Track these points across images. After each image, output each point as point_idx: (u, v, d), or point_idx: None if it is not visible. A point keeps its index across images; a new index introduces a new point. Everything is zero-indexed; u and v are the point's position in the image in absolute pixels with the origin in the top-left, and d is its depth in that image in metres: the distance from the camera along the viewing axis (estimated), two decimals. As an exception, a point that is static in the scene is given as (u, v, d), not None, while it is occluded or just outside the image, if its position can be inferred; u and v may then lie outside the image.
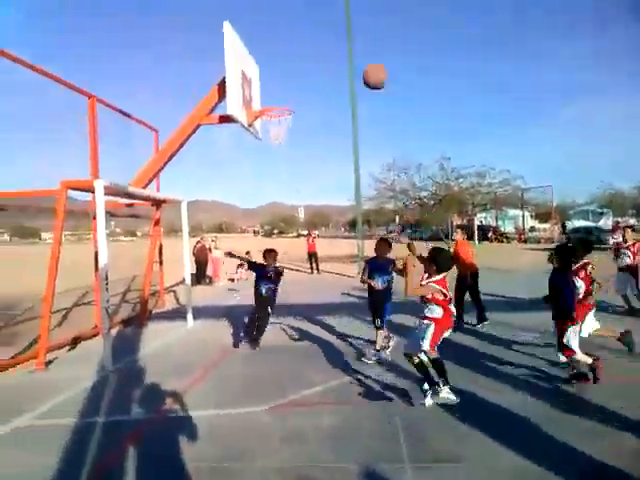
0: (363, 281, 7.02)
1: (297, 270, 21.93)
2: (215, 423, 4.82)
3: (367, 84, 7.14)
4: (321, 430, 4.55)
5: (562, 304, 5.48)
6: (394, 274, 6.68)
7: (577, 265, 6.03)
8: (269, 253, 7.96)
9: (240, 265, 18.60)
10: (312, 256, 20.41)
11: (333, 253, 28.86)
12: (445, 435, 4.34)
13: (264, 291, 7.87)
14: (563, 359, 5.57)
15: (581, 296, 5.92)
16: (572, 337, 5.41)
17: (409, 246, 5.62)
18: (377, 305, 6.91)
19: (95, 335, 8.73)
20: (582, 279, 6.01)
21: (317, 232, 27.76)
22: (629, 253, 9.46)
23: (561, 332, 5.50)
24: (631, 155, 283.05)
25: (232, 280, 18.42)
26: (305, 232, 27.49)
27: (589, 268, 6.16)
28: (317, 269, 20.36)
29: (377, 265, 6.93)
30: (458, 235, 9.13)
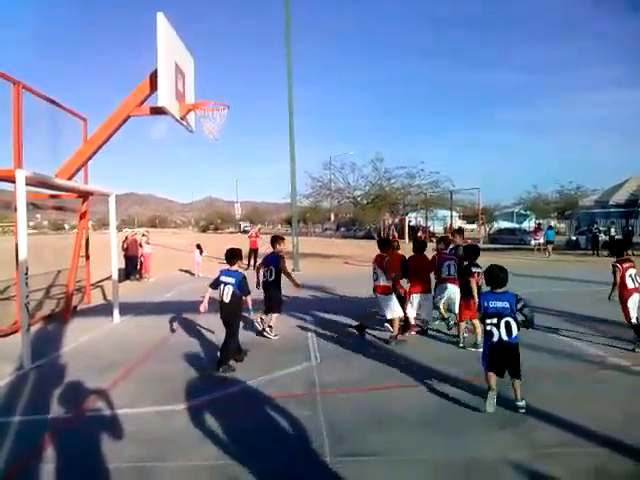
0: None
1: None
2: (138, 422, 4.75)
3: None
4: (237, 428, 4.54)
5: None
6: None
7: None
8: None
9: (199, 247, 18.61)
10: (253, 252, 20.26)
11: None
12: (367, 428, 4.51)
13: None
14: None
15: None
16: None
17: None
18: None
19: (15, 332, 8.35)
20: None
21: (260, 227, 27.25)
22: None
23: None
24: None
25: (192, 274, 18.49)
26: (248, 227, 26.77)
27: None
28: (254, 266, 20.25)
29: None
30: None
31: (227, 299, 6.28)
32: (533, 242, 30.40)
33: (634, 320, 6.93)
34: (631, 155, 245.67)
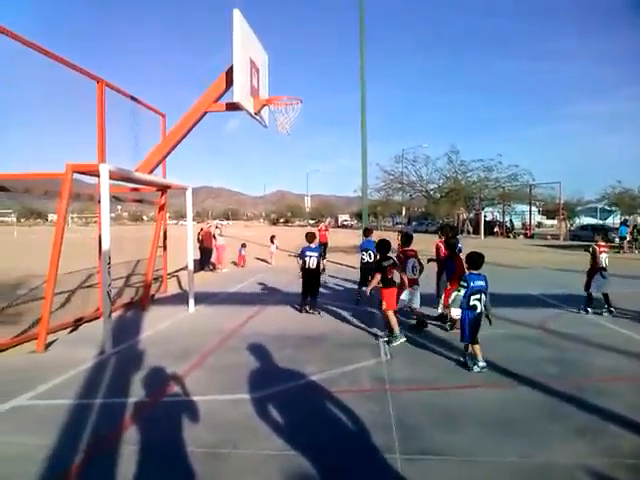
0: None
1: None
2: (211, 408, 4.86)
3: None
4: (306, 420, 4.56)
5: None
6: None
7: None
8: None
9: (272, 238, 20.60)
10: (323, 246, 20.37)
11: (338, 243, 28.74)
12: (437, 427, 4.38)
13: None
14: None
15: None
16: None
17: None
18: None
19: (97, 318, 8.82)
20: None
21: (330, 220, 27.46)
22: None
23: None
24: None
25: (267, 262, 20.22)
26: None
27: None
28: (323, 258, 20.31)
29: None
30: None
31: (313, 266, 9.24)
32: (618, 240, 28.81)
33: (591, 290, 9.14)
34: None
